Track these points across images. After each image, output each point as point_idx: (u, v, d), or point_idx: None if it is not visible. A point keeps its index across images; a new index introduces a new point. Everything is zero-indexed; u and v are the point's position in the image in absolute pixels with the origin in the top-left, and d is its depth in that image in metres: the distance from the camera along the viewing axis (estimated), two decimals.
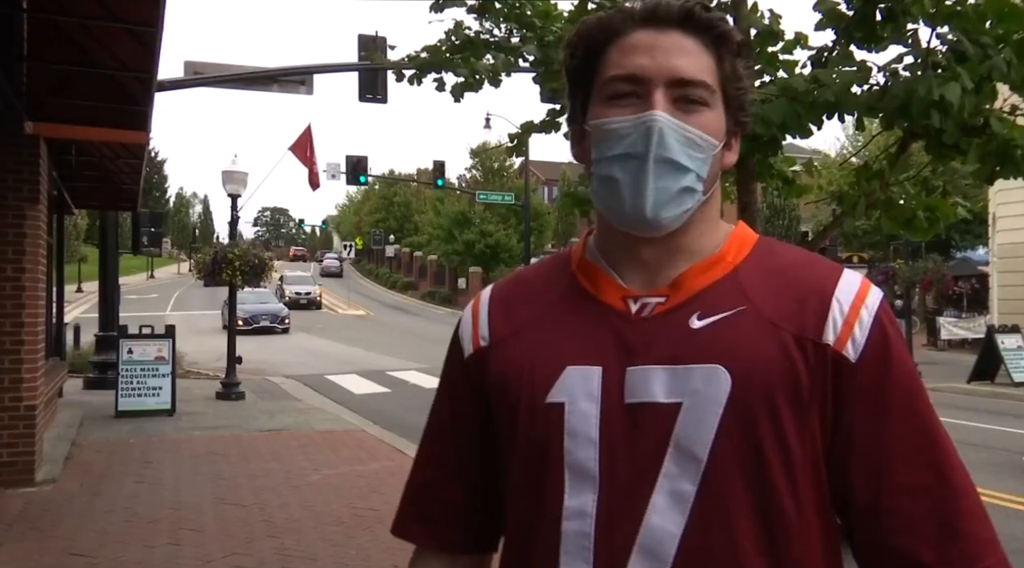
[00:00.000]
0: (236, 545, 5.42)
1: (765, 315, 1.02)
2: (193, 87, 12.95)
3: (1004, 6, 3.47)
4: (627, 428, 1.00)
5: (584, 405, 1.02)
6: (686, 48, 1.03)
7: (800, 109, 3.60)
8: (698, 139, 1.02)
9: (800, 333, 1.00)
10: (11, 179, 6.78)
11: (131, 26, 5.76)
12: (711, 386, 0.98)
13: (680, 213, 1.03)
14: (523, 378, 1.07)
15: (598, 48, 1.07)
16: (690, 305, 1.04)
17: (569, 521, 1.01)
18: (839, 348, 1.00)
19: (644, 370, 1.01)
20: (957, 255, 28.17)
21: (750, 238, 1.12)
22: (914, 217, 3.97)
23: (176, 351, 11.29)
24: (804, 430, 0.99)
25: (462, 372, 1.17)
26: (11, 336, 6.81)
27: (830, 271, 1.06)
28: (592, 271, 1.11)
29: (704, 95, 1.03)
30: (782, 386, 0.98)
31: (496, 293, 1.19)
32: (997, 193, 20.44)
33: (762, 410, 0.98)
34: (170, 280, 58.88)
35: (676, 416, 0.99)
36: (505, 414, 1.09)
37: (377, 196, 68.17)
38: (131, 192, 11.70)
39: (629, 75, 1.03)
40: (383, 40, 15.24)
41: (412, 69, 5.39)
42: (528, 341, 1.09)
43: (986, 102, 3.57)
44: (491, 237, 41.38)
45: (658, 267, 1.07)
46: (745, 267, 1.07)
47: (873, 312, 1.03)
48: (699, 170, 1.03)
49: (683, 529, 0.97)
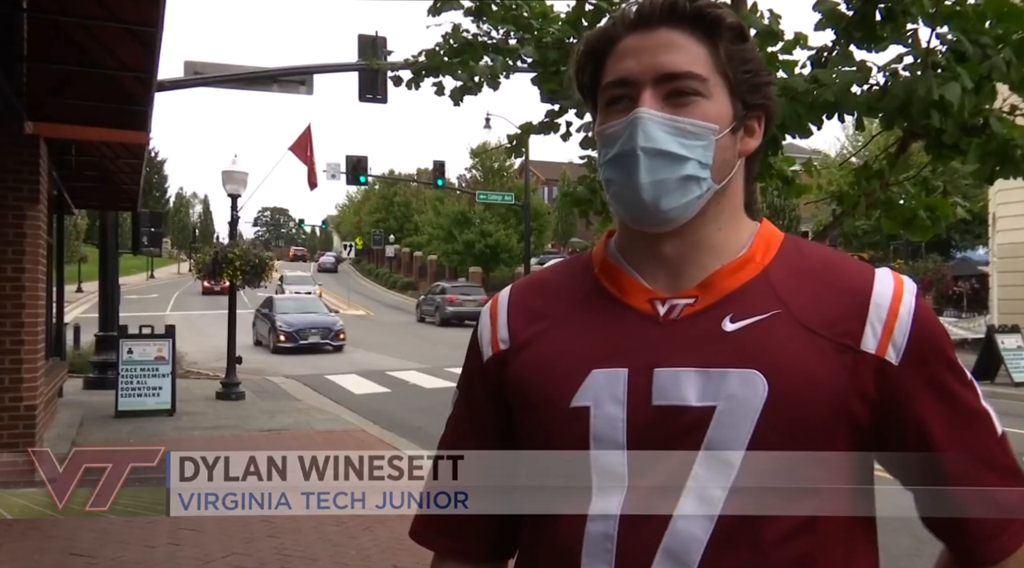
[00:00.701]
0: (236, 545, 5.42)
1: (801, 320, 1.00)
2: (193, 87, 12.95)
3: (1004, 6, 3.47)
4: (654, 430, 0.99)
5: (610, 408, 1.01)
6: (674, 43, 1.03)
7: (800, 109, 3.59)
8: (690, 127, 1.01)
9: (839, 340, 0.99)
10: (11, 179, 6.78)
11: (131, 26, 5.77)
12: (747, 391, 0.97)
13: (686, 202, 1.02)
14: (547, 382, 1.05)
15: (601, 59, 1.08)
16: (722, 307, 1.02)
17: (593, 523, 0.99)
18: (881, 354, 0.99)
19: (674, 372, 1.00)
20: (957, 255, 28.16)
21: (776, 237, 1.10)
22: (914, 217, 3.96)
23: (176, 351, 11.28)
24: (839, 439, 0.98)
25: (481, 377, 1.15)
26: (11, 336, 6.81)
27: (863, 272, 1.05)
28: (615, 273, 1.10)
29: (695, 85, 1.02)
30: (820, 394, 0.97)
31: (515, 295, 1.17)
32: (997, 193, 20.42)
33: (798, 418, 0.96)
34: (170, 280, 58.87)
35: (709, 420, 0.97)
36: (528, 418, 1.08)
37: (377, 196, 68.14)
38: (131, 192, 11.70)
39: (618, 80, 1.04)
40: (383, 40, 15.25)
41: (411, 72, 5.38)
42: (551, 344, 1.08)
43: (986, 102, 3.57)
44: (491, 237, 41.38)
45: (681, 265, 1.05)
46: (775, 268, 1.05)
47: (911, 311, 1.01)
48: (700, 157, 1.02)
49: (710, 535, 0.96)
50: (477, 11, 5.00)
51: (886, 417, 1.00)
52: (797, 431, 0.96)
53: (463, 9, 5.05)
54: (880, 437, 1.01)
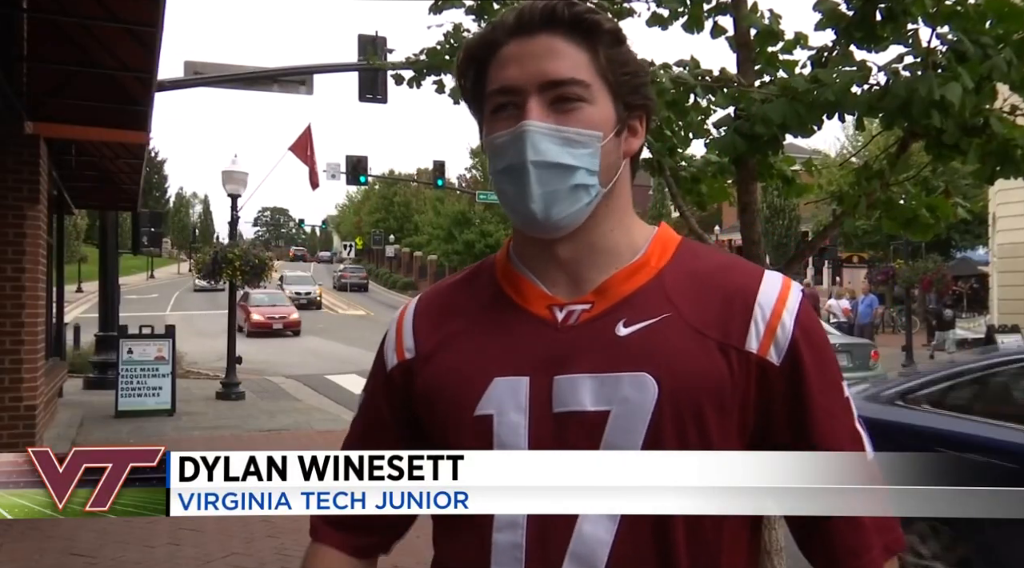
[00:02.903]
0: (236, 545, 5.42)
1: (690, 322, 1.03)
2: (193, 87, 12.95)
3: (1004, 6, 3.47)
4: (556, 437, 1.01)
5: (513, 416, 1.03)
6: (555, 49, 1.04)
7: (800, 109, 3.59)
8: (575, 136, 1.03)
9: (724, 340, 1.02)
10: (11, 179, 6.78)
11: (131, 26, 5.77)
12: (639, 393, 0.99)
13: (576, 210, 1.04)
14: (451, 391, 1.07)
15: (484, 65, 1.09)
16: (615, 312, 1.04)
17: (500, 532, 1.01)
18: (762, 354, 1.02)
19: (571, 379, 1.02)
20: (957, 255, 28.19)
21: (673, 240, 1.12)
22: (914, 217, 3.96)
23: (176, 351, 11.29)
24: (728, 436, 1.01)
25: (384, 384, 1.17)
26: (11, 336, 6.81)
27: (751, 275, 1.07)
28: (516, 279, 1.11)
29: (578, 91, 1.04)
30: (707, 393, 1.00)
31: (421, 304, 1.19)
32: (997, 193, 20.45)
33: (689, 417, 0.99)
34: (170, 280, 58.87)
35: (604, 424, 1.00)
36: (435, 426, 1.09)
37: (377, 196, 68.18)
38: (131, 192, 11.70)
39: (502, 88, 1.05)
40: (383, 40, 15.26)
41: (412, 71, 5.39)
42: (455, 353, 1.09)
43: (986, 102, 3.57)
44: (491, 237, 41.41)
45: (577, 269, 1.07)
46: (669, 271, 1.08)
47: (794, 314, 1.04)
48: (588, 165, 1.04)
49: (614, 536, 0.98)
50: (478, 10, 5.00)
51: (768, 415, 1.03)
52: (688, 430, 0.99)
53: (464, 8, 5.06)
54: (764, 435, 1.04)
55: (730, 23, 4.17)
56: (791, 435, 1.03)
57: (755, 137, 3.73)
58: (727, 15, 4.20)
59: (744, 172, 4.12)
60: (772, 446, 1.02)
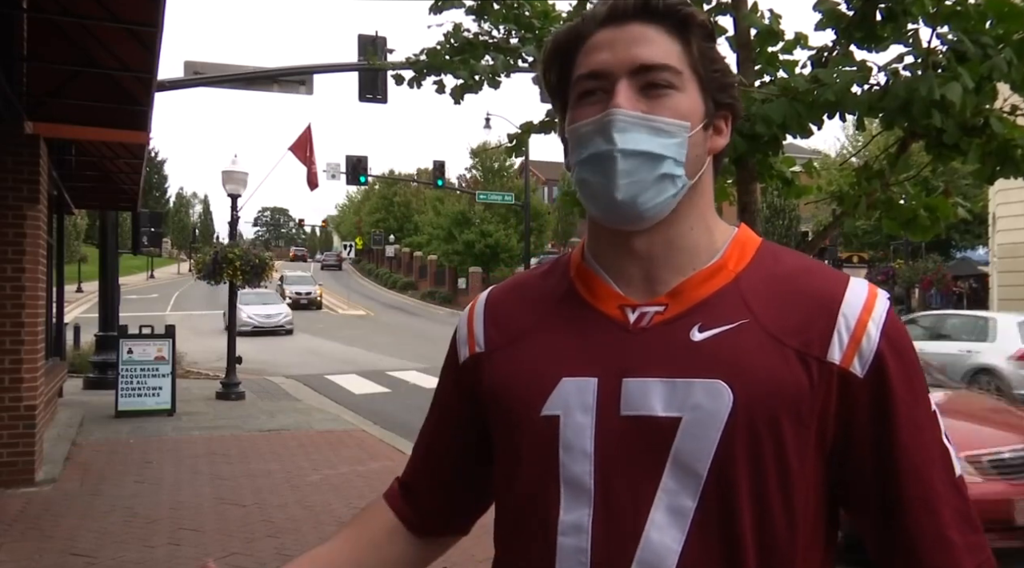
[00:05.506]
0: (236, 545, 5.42)
1: (768, 329, 0.99)
2: (193, 87, 12.95)
3: (1004, 6, 3.47)
4: (623, 441, 0.98)
5: (579, 417, 1.00)
6: (647, 36, 1.03)
7: (800, 109, 3.60)
8: (664, 125, 1.00)
9: (804, 349, 0.98)
10: (11, 179, 6.78)
11: (131, 26, 5.77)
12: (712, 401, 0.96)
13: (663, 201, 1.01)
14: (519, 390, 1.05)
15: (571, 56, 1.07)
16: (690, 316, 1.01)
17: (565, 536, 0.99)
18: (845, 365, 0.98)
19: (642, 382, 0.99)
20: (957, 255, 28.17)
21: (752, 243, 1.09)
22: (914, 217, 3.96)
23: (176, 351, 11.29)
24: (804, 447, 0.98)
25: (455, 379, 1.17)
26: (11, 336, 6.81)
27: (836, 281, 1.03)
28: (589, 278, 1.09)
29: (670, 78, 1.01)
30: (784, 403, 0.96)
31: (492, 299, 1.17)
32: (997, 193, 20.44)
33: (764, 427, 0.96)
34: (170, 280, 58.86)
35: (675, 431, 0.97)
36: (501, 425, 1.09)
37: (377, 196, 68.16)
38: (131, 192, 11.70)
39: (592, 72, 1.03)
40: (383, 40, 15.26)
41: (412, 71, 5.39)
42: (524, 351, 1.08)
43: (986, 102, 3.57)
44: (491, 237, 41.38)
45: (653, 267, 1.05)
46: (747, 275, 1.04)
47: (880, 325, 1.00)
48: (675, 155, 1.01)
49: (683, 545, 0.95)
50: (478, 10, 5.01)
51: (850, 428, 0.99)
52: (763, 441, 0.96)
53: (464, 8, 5.06)
54: (844, 447, 1.00)
55: (730, 23, 4.18)
56: (873, 449, 0.99)
57: (755, 137, 3.73)
58: (727, 15, 4.21)
59: (744, 172, 4.12)
60: (853, 458, 0.99)
